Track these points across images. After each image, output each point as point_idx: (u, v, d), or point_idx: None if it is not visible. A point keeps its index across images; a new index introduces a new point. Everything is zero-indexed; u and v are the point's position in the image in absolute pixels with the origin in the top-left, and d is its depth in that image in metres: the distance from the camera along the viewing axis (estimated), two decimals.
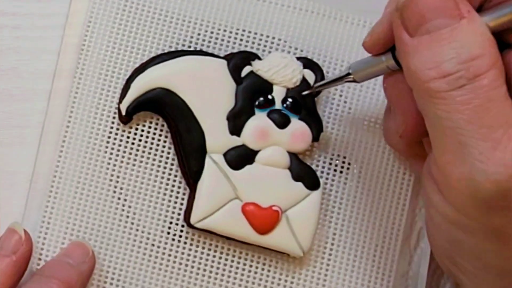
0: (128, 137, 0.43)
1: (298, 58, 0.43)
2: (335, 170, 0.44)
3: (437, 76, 0.31)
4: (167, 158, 0.43)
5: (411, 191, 0.44)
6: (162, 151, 0.43)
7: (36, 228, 0.42)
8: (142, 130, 0.43)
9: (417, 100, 0.33)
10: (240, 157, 0.41)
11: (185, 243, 0.42)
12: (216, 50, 0.43)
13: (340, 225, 0.43)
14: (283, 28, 0.44)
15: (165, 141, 0.43)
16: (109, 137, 0.43)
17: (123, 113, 0.42)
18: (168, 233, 0.42)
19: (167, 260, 0.42)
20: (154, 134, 0.43)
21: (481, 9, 0.34)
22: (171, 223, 0.42)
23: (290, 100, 0.42)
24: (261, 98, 0.42)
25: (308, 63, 0.42)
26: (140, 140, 0.43)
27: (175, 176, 0.43)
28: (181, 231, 0.42)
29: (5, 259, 0.39)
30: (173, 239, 0.42)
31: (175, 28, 0.43)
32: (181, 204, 0.42)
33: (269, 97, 0.42)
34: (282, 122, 0.41)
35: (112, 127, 0.43)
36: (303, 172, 0.42)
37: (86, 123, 0.43)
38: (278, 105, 0.42)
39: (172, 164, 0.43)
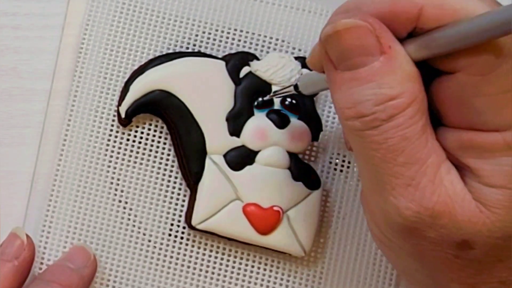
0: (128, 139, 0.43)
1: (296, 58, 0.42)
2: (335, 169, 0.43)
3: (354, 116, 0.31)
4: (167, 160, 0.43)
5: None
6: (162, 153, 0.43)
7: (38, 232, 0.42)
8: (142, 132, 0.43)
9: (343, 129, 0.33)
10: (240, 158, 0.41)
11: (186, 244, 0.42)
12: (214, 51, 0.43)
13: (340, 224, 0.43)
14: (281, 28, 0.44)
15: (165, 143, 0.43)
16: (109, 139, 0.43)
17: (122, 115, 0.42)
18: (170, 235, 0.42)
19: (169, 262, 0.42)
20: (154, 136, 0.43)
21: (413, 34, 0.31)
22: (172, 225, 0.43)
23: (289, 100, 0.42)
24: (260, 99, 0.42)
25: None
26: (140, 142, 0.43)
27: (176, 178, 0.43)
28: (183, 233, 0.42)
29: (7, 264, 0.39)
30: (175, 241, 0.42)
31: (173, 29, 0.43)
32: (182, 206, 0.43)
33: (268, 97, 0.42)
34: (281, 122, 0.41)
35: (112, 129, 0.43)
36: (303, 172, 0.42)
37: (86, 125, 0.43)
38: (277, 105, 0.42)
39: (172, 166, 0.43)
